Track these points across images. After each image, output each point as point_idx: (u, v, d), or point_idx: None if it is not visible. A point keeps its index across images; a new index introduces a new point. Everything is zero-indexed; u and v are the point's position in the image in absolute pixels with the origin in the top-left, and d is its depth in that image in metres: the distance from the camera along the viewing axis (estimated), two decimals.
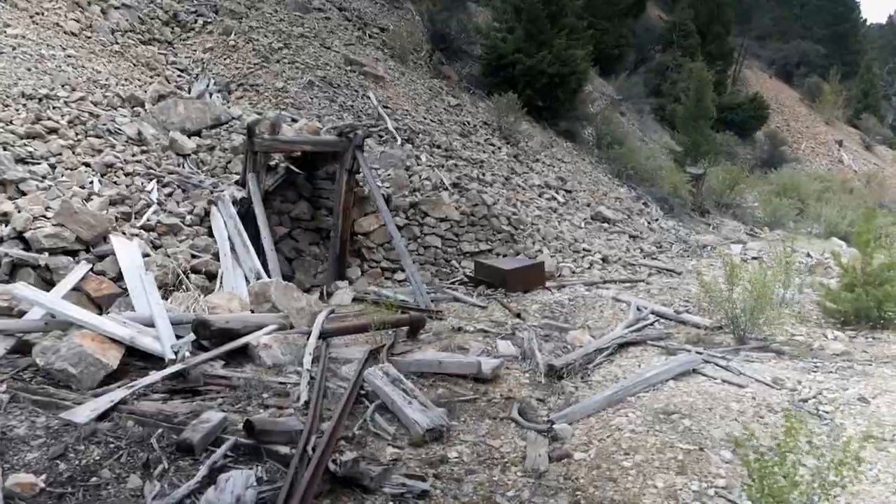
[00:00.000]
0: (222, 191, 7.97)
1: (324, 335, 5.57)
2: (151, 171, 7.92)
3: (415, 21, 18.68)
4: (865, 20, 53.13)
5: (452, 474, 3.41)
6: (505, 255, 10.31)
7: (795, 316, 7.44)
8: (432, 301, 7.89)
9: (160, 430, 3.62)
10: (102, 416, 3.82)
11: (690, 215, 16.94)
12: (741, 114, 27.15)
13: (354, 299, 8.02)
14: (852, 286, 7.10)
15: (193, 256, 7.03)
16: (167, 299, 5.88)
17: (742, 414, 4.12)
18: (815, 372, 5.01)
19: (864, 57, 39.51)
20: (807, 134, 32.94)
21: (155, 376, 4.38)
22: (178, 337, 5.13)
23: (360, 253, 9.25)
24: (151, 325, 5.17)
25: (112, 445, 3.47)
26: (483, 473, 3.44)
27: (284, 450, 3.41)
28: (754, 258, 12.44)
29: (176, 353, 4.73)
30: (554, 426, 3.98)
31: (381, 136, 11.54)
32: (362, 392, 4.38)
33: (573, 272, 10.35)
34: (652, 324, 6.82)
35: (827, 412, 4.17)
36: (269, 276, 7.22)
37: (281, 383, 4.59)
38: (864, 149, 34.54)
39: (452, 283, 9.24)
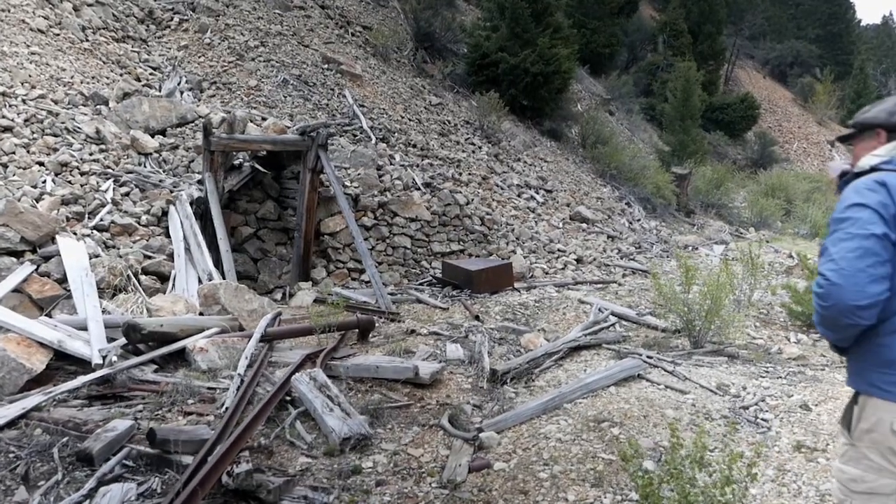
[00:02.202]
0: (182, 190, 7.85)
1: (267, 338, 5.45)
2: (109, 170, 7.79)
3: (399, 19, 18.54)
4: (860, 21, 53.09)
5: (362, 486, 3.27)
6: (477, 256, 10.18)
7: (760, 319, 7.33)
8: (394, 303, 7.76)
9: (66, 439, 3.50)
10: (12, 424, 3.69)
11: (675, 215, 16.81)
12: (731, 114, 27.04)
13: (316, 300, 7.88)
14: None
15: (147, 257, 6.90)
16: (109, 300, 5.75)
17: (678, 422, 4.00)
18: (763, 377, 4.88)
19: (858, 57, 39.38)
20: (798, 134, 32.82)
21: (76, 381, 4.26)
22: (113, 340, 5.02)
23: (327, 253, 9.12)
24: (86, 328, 5.06)
25: (12, 455, 3.35)
26: (395, 485, 3.31)
27: (189, 460, 3.29)
28: (735, 259, 12.31)
29: (104, 358, 4.61)
30: (480, 434, 3.84)
31: (355, 136, 11.40)
32: (289, 398, 4.25)
33: (546, 273, 10.22)
34: (611, 326, 6.67)
35: (765, 420, 4.05)
36: (224, 278, 7.10)
37: (210, 389, 4.46)
38: None
39: (420, 284, 9.11)
